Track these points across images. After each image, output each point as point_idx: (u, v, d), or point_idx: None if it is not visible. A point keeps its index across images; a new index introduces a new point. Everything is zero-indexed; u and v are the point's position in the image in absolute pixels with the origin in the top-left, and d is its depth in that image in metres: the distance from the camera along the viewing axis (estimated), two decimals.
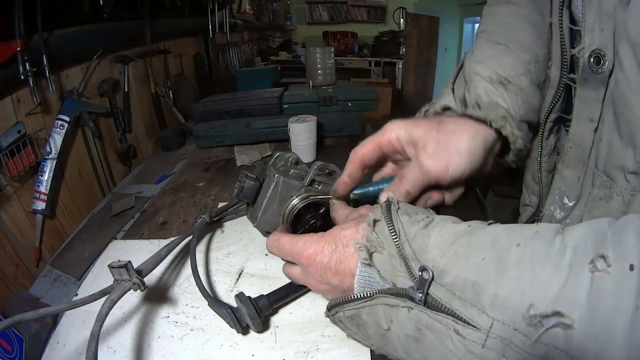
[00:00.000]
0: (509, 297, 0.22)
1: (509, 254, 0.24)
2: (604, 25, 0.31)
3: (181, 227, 0.66)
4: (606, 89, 0.32)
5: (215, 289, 0.51)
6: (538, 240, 0.23)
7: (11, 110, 0.76)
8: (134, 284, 0.39)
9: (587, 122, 0.35)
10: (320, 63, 1.19)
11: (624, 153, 0.31)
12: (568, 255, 0.21)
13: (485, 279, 0.23)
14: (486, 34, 0.44)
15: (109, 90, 1.06)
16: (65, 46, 0.88)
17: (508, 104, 0.37)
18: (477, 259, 0.25)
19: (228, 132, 1.02)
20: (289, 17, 4.70)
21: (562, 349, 0.20)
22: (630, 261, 0.19)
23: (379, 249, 0.30)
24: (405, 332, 0.28)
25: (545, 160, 0.45)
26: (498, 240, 0.25)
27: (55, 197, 0.86)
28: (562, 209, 0.42)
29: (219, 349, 0.42)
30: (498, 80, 0.38)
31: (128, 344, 0.44)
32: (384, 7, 5.11)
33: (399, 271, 0.29)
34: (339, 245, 0.33)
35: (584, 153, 0.37)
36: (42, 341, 0.49)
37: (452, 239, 0.27)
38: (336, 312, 0.33)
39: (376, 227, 0.31)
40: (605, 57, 0.31)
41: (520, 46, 0.41)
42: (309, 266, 0.35)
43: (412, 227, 0.30)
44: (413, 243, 0.29)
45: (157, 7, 1.29)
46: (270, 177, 0.48)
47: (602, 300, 0.19)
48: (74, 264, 0.64)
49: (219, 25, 1.84)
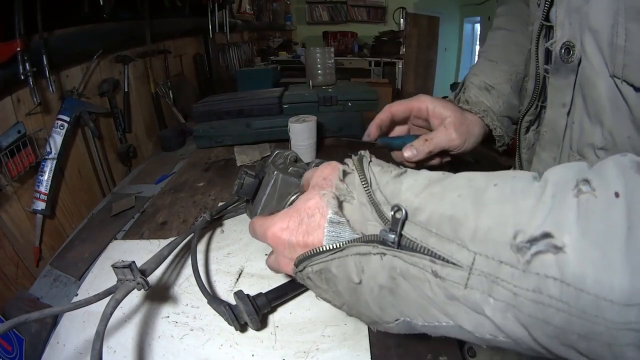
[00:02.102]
0: (491, 228, 0.21)
1: (486, 192, 0.23)
2: (572, 20, 0.34)
3: (181, 227, 0.66)
4: (576, 76, 0.35)
5: (215, 289, 0.51)
6: (516, 180, 0.22)
7: (11, 110, 0.76)
8: (137, 284, 0.39)
9: (560, 107, 0.38)
10: (320, 63, 1.19)
11: (593, 132, 0.34)
12: (550, 189, 0.20)
13: (463, 213, 0.22)
14: (484, 53, 0.59)
15: (109, 90, 1.06)
16: (65, 46, 0.88)
17: (490, 103, 0.53)
18: (453, 196, 0.24)
19: (228, 132, 1.02)
20: (289, 17, 4.70)
21: (556, 277, 0.18)
22: (614, 189, 0.18)
23: (348, 199, 0.30)
24: (379, 282, 0.26)
25: (524, 152, 0.53)
26: (474, 180, 0.24)
27: (55, 197, 0.86)
28: None
29: (219, 348, 0.42)
30: (485, 87, 0.54)
31: (128, 344, 0.44)
32: (384, 7, 5.12)
33: (369, 220, 0.28)
34: (304, 217, 0.32)
35: (558, 136, 0.40)
36: (42, 341, 0.50)
37: (425, 183, 0.27)
38: (304, 267, 0.32)
39: (346, 178, 0.31)
40: (574, 47, 0.34)
41: (507, 62, 0.55)
42: (276, 245, 0.34)
43: (384, 176, 0.30)
44: (385, 190, 0.28)
45: (157, 7, 1.29)
46: (269, 174, 0.48)
47: (593, 224, 0.18)
48: (74, 264, 0.65)
49: (219, 25, 1.84)
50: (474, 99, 0.53)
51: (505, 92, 0.54)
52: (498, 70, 0.55)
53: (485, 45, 0.62)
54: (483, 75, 0.55)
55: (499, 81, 0.54)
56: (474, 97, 0.54)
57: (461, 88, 0.57)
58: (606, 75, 0.31)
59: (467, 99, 0.53)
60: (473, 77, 0.56)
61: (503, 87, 0.54)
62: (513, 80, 0.54)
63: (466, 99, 0.54)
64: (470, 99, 0.53)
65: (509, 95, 0.54)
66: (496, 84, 0.54)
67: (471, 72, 0.58)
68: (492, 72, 0.55)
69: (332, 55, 1.21)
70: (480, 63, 0.59)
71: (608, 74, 0.31)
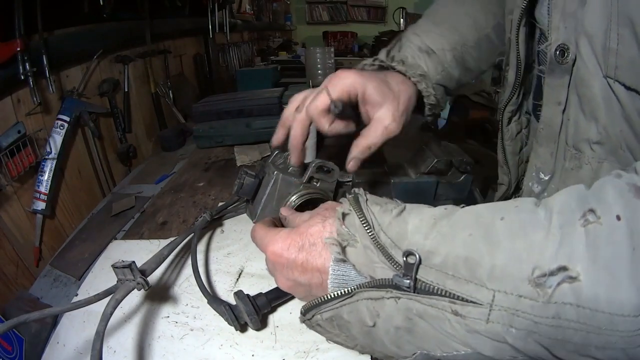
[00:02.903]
0: (507, 266, 0.22)
1: (495, 227, 0.23)
2: (567, 23, 0.35)
3: (181, 227, 0.66)
4: (570, 76, 0.37)
5: (215, 289, 0.51)
6: (521, 213, 0.24)
7: (11, 110, 0.76)
8: (137, 284, 0.39)
9: (556, 105, 0.39)
10: (320, 63, 1.20)
11: (588, 128, 0.36)
12: (556, 219, 0.22)
13: (478, 253, 0.23)
14: (428, 16, 0.55)
15: (109, 90, 1.06)
16: (65, 46, 0.88)
17: (428, 67, 0.48)
18: (464, 236, 0.24)
19: (228, 132, 1.02)
20: (289, 17, 4.70)
21: (572, 303, 0.20)
22: (615, 213, 0.20)
23: (352, 242, 0.30)
24: (395, 324, 0.26)
25: (508, 144, 0.53)
26: (481, 216, 0.25)
27: (55, 197, 0.86)
28: (539, 183, 0.45)
29: (219, 349, 0.42)
30: (425, 49, 0.49)
31: (128, 344, 0.44)
32: (384, 7, 5.11)
33: (376, 262, 0.28)
34: (305, 243, 0.33)
35: (555, 132, 0.41)
36: (42, 341, 0.50)
37: (431, 222, 0.27)
38: (312, 315, 0.32)
39: (346, 221, 0.31)
40: (568, 49, 0.36)
41: (453, 30, 0.51)
42: (275, 263, 0.35)
43: (385, 215, 0.29)
44: (389, 231, 0.28)
45: (157, 7, 1.29)
46: (269, 174, 0.48)
47: (601, 249, 0.20)
48: (74, 264, 0.64)
49: (219, 25, 1.84)
50: (410, 60, 0.48)
51: (446, 59, 0.50)
52: (442, 36, 0.51)
53: (433, 7, 0.57)
54: (425, 36, 0.50)
55: (441, 47, 0.50)
56: (410, 58, 0.48)
57: (395, 44, 0.52)
58: (600, 76, 0.32)
59: (403, 59, 0.48)
60: (413, 36, 0.51)
61: (445, 54, 0.50)
62: (457, 50, 0.51)
63: (402, 59, 0.48)
64: (406, 60, 0.48)
65: (450, 65, 0.50)
66: (438, 50, 0.50)
67: (411, 31, 0.52)
68: (436, 36, 0.51)
69: (332, 55, 1.22)
70: (423, 23, 0.54)
71: (602, 75, 0.32)
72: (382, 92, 0.43)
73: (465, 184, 0.68)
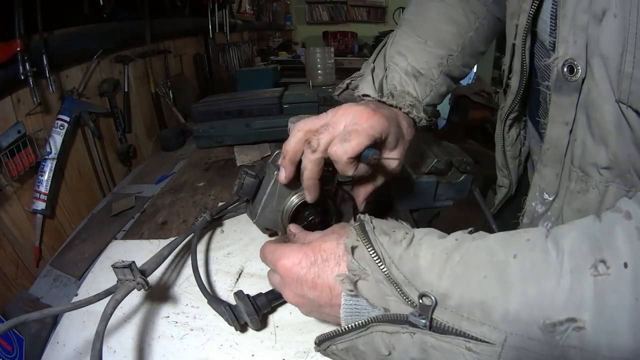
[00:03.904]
0: (520, 311, 0.23)
1: (508, 267, 0.24)
2: (577, 37, 0.33)
3: (181, 227, 0.66)
4: (579, 94, 0.35)
5: (215, 289, 0.51)
6: (534, 250, 0.24)
7: (11, 110, 0.76)
8: (137, 284, 0.39)
9: (563, 125, 0.38)
10: (320, 63, 1.20)
11: (596, 151, 0.34)
12: (567, 262, 0.23)
13: (492, 297, 0.24)
14: (411, 24, 0.52)
15: (109, 90, 1.06)
16: (65, 46, 0.88)
17: (417, 92, 0.48)
18: (479, 277, 0.25)
19: (228, 132, 1.02)
20: (289, 17, 4.70)
21: (577, 346, 0.22)
22: (624, 260, 0.21)
23: (363, 276, 0.29)
24: (410, 355, 0.27)
25: (509, 149, 0.53)
26: (494, 254, 0.25)
27: (55, 197, 0.86)
28: (543, 204, 0.45)
29: (219, 349, 0.42)
30: (412, 73, 0.48)
31: (128, 344, 0.43)
32: (384, 7, 5.10)
33: (389, 295, 0.28)
34: (318, 259, 0.32)
35: (561, 153, 0.39)
36: (42, 341, 0.50)
37: (444, 257, 0.27)
38: (327, 346, 0.32)
39: (356, 254, 0.30)
40: (578, 66, 0.34)
41: (439, 43, 0.50)
42: (285, 276, 0.35)
43: (395, 248, 0.29)
44: (401, 266, 0.28)
45: (157, 7, 1.29)
46: (269, 174, 0.48)
47: (607, 299, 0.21)
48: (74, 264, 0.65)
49: (219, 25, 1.84)
50: (399, 88, 0.47)
51: (434, 77, 0.49)
52: (428, 52, 0.49)
53: (412, 13, 0.54)
54: (411, 56, 0.49)
55: (428, 66, 0.49)
56: (398, 85, 0.47)
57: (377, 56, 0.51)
58: (612, 100, 0.31)
59: (392, 91, 0.47)
60: (398, 57, 0.49)
61: (432, 72, 0.49)
62: (444, 65, 0.49)
63: (390, 92, 0.47)
64: (394, 91, 0.47)
65: (438, 82, 0.49)
66: (425, 70, 0.48)
67: (395, 49, 0.50)
68: (421, 54, 0.49)
69: (332, 55, 1.22)
70: (406, 37, 0.51)
71: (614, 99, 0.31)
72: (397, 137, 0.44)
73: (465, 184, 0.68)
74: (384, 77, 0.48)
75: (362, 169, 0.41)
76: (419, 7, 0.54)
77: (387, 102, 0.46)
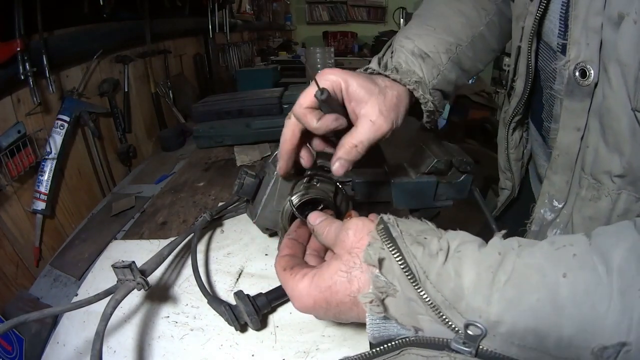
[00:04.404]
0: (573, 337, 0.22)
1: (560, 288, 0.23)
2: (590, 40, 0.32)
3: (181, 227, 0.66)
4: (591, 100, 0.34)
5: (215, 289, 0.51)
6: (583, 269, 0.23)
7: (11, 110, 0.76)
8: (137, 284, 0.39)
9: (574, 131, 0.37)
10: (320, 63, 1.20)
11: (610, 159, 0.33)
12: (616, 283, 0.22)
13: (546, 324, 0.23)
14: (420, 17, 0.51)
15: (109, 90, 1.06)
16: (65, 46, 0.88)
17: (424, 73, 0.45)
18: (532, 301, 0.23)
19: (228, 132, 1.02)
20: (289, 17, 4.70)
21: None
22: None
23: (390, 292, 0.27)
24: None
25: (512, 152, 0.52)
26: (545, 273, 0.24)
27: (55, 197, 0.86)
28: (552, 211, 0.44)
29: (219, 349, 0.42)
30: (419, 54, 0.46)
31: (128, 344, 0.44)
32: (384, 7, 5.11)
33: (421, 314, 0.26)
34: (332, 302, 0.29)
35: (572, 159, 0.38)
36: (42, 341, 0.50)
37: (489, 278, 0.24)
38: None
39: (384, 268, 0.27)
40: (590, 70, 0.32)
41: (447, 30, 0.48)
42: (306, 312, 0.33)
43: (431, 262, 0.26)
44: (440, 285, 0.25)
45: (157, 7, 1.29)
46: (269, 174, 0.48)
47: None
48: (74, 264, 0.65)
49: (219, 25, 1.84)
50: (404, 66, 0.44)
51: (442, 62, 0.47)
52: (436, 37, 0.47)
53: (422, 9, 0.53)
54: (418, 40, 0.47)
55: (435, 50, 0.47)
56: (404, 64, 0.45)
57: (386, 50, 0.48)
58: (628, 108, 0.30)
59: (397, 66, 0.44)
60: (405, 40, 0.47)
61: (440, 57, 0.47)
62: (452, 52, 0.47)
63: (395, 67, 0.44)
64: (400, 67, 0.44)
65: (446, 67, 0.47)
66: (432, 52, 0.46)
67: (402, 35, 0.48)
68: (429, 38, 0.47)
69: (332, 55, 1.22)
70: (414, 25, 0.50)
71: (630, 107, 0.30)
72: (367, 88, 0.39)
73: (465, 184, 0.68)
74: (389, 58, 0.46)
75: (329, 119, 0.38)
76: (428, 4, 0.53)
77: (390, 75, 0.43)
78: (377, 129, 0.39)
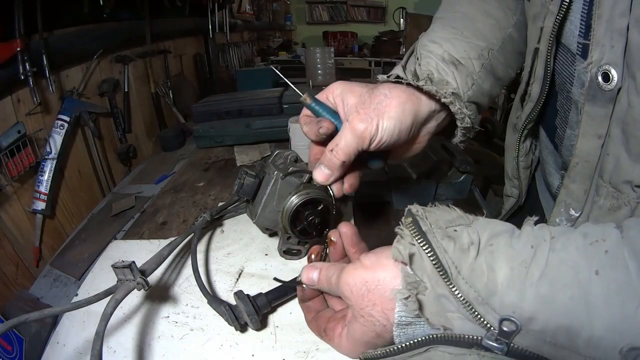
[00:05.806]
0: (603, 337, 0.22)
1: (592, 286, 0.23)
2: (615, 42, 0.30)
3: (181, 227, 0.66)
4: (614, 106, 0.32)
5: (215, 289, 0.51)
6: (615, 268, 0.23)
7: (11, 110, 0.76)
8: (137, 284, 0.39)
9: (595, 138, 0.35)
10: (320, 63, 1.20)
11: (632, 169, 0.31)
12: None
13: (578, 322, 0.23)
14: (442, 20, 0.45)
15: (109, 90, 1.06)
16: (65, 46, 0.88)
17: (457, 83, 0.39)
18: (565, 298, 0.23)
19: (228, 132, 1.02)
20: (289, 17, 4.70)
21: None
22: None
23: (421, 290, 0.26)
24: None
25: (522, 160, 0.49)
26: (578, 270, 0.23)
27: (55, 197, 0.86)
28: (568, 220, 0.42)
29: (219, 349, 0.42)
30: (450, 60, 0.39)
31: (128, 344, 0.44)
32: (384, 7, 5.11)
33: (452, 312, 0.26)
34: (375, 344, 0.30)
35: (592, 168, 0.37)
36: (42, 341, 0.50)
37: (523, 273, 0.24)
38: None
39: (414, 263, 0.26)
40: (613, 74, 0.31)
41: (476, 33, 0.42)
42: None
43: (463, 257, 0.25)
44: (473, 281, 0.25)
45: (157, 7, 1.29)
46: (269, 174, 0.48)
47: None
48: (74, 264, 0.65)
49: (219, 25, 1.84)
50: (436, 76, 0.38)
51: (475, 70, 0.41)
52: (466, 42, 0.42)
53: (444, 11, 0.47)
54: (447, 44, 0.41)
55: (467, 55, 0.41)
56: (436, 73, 0.38)
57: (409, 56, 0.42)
58: None
59: (430, 76, 0.37)
60: (432, 45, 0.41)
61: (472, 63, 0.41)
62: (485, 58, 0.42)
63: (428, 76, 0.37)
64: (432, 76, 0.37)
65: (479, 76, 0.41)
66: (464, 59, 0.40)
67: (427, 38, 0.42)
68: (458, 42, 0.41)
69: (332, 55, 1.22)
70: (439, 29, 0.44)
71: None
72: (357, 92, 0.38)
73: (465, 184, 0.68)
74: (416, 65, 0.39)
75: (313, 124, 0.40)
76: (449, 5, 0.48)
77: (424, 87, 0.37)
78: (353, 130, 0.36)
